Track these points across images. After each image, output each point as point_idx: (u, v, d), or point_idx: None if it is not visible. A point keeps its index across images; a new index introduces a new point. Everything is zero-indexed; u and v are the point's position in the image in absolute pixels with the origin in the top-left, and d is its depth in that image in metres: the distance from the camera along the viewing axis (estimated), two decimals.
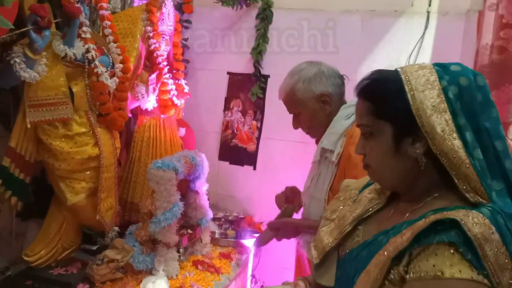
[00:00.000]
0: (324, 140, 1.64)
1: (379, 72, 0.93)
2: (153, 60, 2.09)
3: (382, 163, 0.91)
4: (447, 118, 0.81)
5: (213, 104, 2.76)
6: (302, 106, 1.68)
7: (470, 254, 0.72)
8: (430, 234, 0.77)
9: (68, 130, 1.58)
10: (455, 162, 0.81)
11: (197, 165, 1.92)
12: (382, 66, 2.46)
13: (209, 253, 2.01)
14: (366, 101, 0.91)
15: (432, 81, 0.83)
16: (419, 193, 0.89)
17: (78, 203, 1.62)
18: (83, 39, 1.59)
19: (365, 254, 0.90)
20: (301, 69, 1.69)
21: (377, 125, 0.90)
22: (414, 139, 0.85)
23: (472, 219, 0.74)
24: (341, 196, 1.09)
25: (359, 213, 0.99)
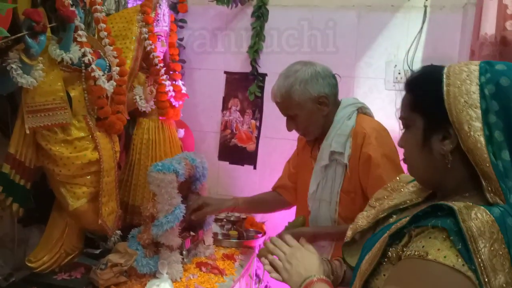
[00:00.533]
0: (332, 143, 1.62)
1: (427, 66, 0.94)
2: (149, 62, 2.08)
3: (412, 156, 0.92)
4: (477, 115, 0.80)
5: (211, 104, 2.75)
6: (299, 108, 1.64)
7: (461, 245, 0.72)
8: (429, 217, 0.78)
9: (67, 135, 1.56)
10: (478, 159, 0.80)
11: (197, 166, 1.91)
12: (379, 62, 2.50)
13: (212, 254, 2.01)
14: (407, 93, 0.93)
15: (472, 77, 0.82)
16: (449, 192, 0.88)
17: (80, 208, 1.60)
18: (79, 43, 1.57)
19: (379, 235, 0.92)
20: (296, 71, 1.65)
21: (411, 117, 0.90)
22: (444, 135, 0.85)
23: (474, 214, 0.74)
24: (389, 187, 1.11)
25: (396, 203, 1.01)
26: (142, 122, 2.13)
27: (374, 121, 1.69)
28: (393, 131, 1.74)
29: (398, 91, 2.33)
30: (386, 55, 2.37)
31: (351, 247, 1.08)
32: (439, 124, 0.85)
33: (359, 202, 1.60)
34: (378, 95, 2.38)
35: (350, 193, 1.61)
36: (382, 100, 2.37)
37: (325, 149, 1.65)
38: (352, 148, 1.59)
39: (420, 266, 0.75)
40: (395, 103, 2.32)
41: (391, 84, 2.36)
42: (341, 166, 1.61)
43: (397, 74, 2.34)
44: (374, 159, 1.54)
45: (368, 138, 1.57)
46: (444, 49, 2.28)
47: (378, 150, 1.55)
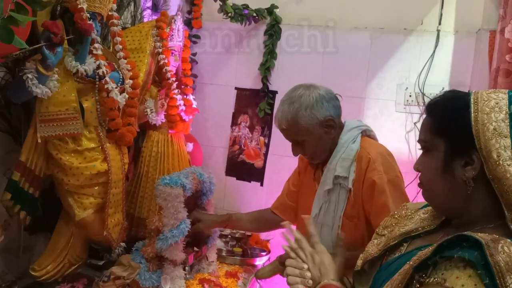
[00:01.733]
0: (337, 167, 1.59)
1: (451, 91, 0.95)
2: (162, 76, 2.10)
3: (431, 180, 0.90)
4: (506, 144, 0.79)
5: (221, 119, 2.77)
6: (307, 133, 1.61)
7: (488, 279, 0.70)
8: (454, 248, 0.76)
9: (77, 145, 1.58)
10: (506, 189, 0.79)
11: (204, 181, 1.91)
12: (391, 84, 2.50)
13: (215, 271, 1.99)
14: (429, 117, 0.91)
15: (501, 105, 0.81)
16: (470, 221, 0.86)
17: (86, 219, 1.61)
18: (94, 55, 1.60)
19: (396, 264, 0.90)
20: (300, 96, 1.61)
21: (433, 141, 0.89)
22: (467, 162, 0.84)
23: (501, 247, 0.73)
24: (396, 214, 1.09)
25: (407, 230, 0.99)
26: (152, 135, 2.14)
27: (379, 145, 1.67)
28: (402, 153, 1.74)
29: (408, 113, 2.33)
30: (397, 78, 2.38)
31: (362, 276, 1.05)
32: (463, 149, 0.84)
33: (362, 228, 1.58)
34: (388, 117, 2.38)
35: (353, 218, 1.58)
36: (392, 122, 2.37)
37: (329, 172, 1.61)
38: (356, 173, 1.56)
39: None
40: (405, 126, 2.32)
41: (401, 106, 2.36)
42: (344, 191, 1.59)
43: (408, 96, 2.34)
44: (378, 185, 1.50)
45: (373, 164, 1.54)
46: (456, 74, 2.28)
47: (383, 176, 1.52)
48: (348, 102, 1.78)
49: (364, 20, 2.43)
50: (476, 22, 2.23)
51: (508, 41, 1.95)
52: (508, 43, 1.95)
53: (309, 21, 2.54)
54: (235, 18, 2.47)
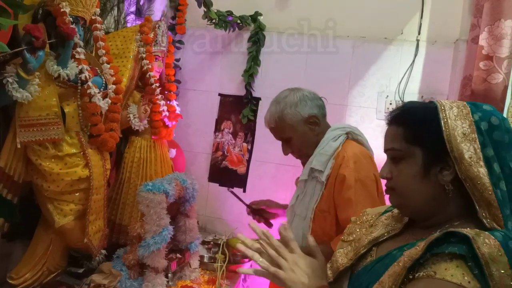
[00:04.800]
0: (313, 160, 1.67)
1: (412, 102, 1.02)
2: (145, 81, 2.09)
3: (409, 187, 0.94)
4: (476, 147, 0.87)
5: (204, 125, 2.76)
6: (292, 130, 1.72)
7: (477, 270, 0.77)
8: (443, 244, 0.81)
9: (58, 150, 1.56)
10: (479, 188, 0.86)
11: (187, 188, 1.90)
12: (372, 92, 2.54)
13: (197, 278, 1.98)
14: (400, 127, 0.95)
15: (465, 114, 0.90)
16: (439, 221, 0.92)
17: (66, 226, 1.58)
18: (76, 60, 1.58)
19: (379, 267, 0.93)
20: (285, 96, 1.75)
21: (409, 149, 0.93)
22: (442, 167, 0.90)
23: (483, 239, 0.78)
24: (358, 220, 1.13)
25: (374, 236, 1.02)
26: (134, 141, 2.12)
27: (359, 147, 1.72)
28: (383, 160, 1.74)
29: None
30: (378, 86, 2.42)
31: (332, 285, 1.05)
32: (439, 156, 0.90)
33: (331, 222, 1.64)
34: (369, 125, 2.41)
35: (324, 212, 1.65)
36: (373, 129, 2.40)
37: (307, 165, 1.70)
38: (333, 169, 1.64)
39: (427, 284, 0.80)
40: None
41: (382, 114, 2.40)
42: (319, 184, 1.66)
43: (389, 104, 2.38)
44: (347, 181, 1.58)
45: (347, 161, 1.61)
46: (435, 83, 2.33)
47: (353, 174, 1.59)
48: (330, 109, 1.82)
49: (347, 29, 2.46)
50: (454, 32, 2.29)
51: (482, 49, 2.01)
52: (482, 51, 2.01)
53: (293, 28, 2.56)
54: (219, 24, 2.47)
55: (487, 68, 2.02)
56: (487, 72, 2.02)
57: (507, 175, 0.87)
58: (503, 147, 0.88)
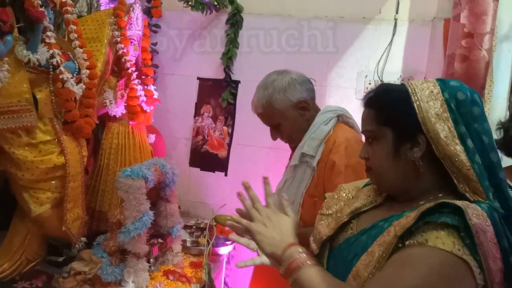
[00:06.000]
0: (304, 145, 1.64)
1: (385, 84, 1.04)
2: (121, 66, 2.05)
3: (383, 165, 0.98)
4: (450, 126, 0.90)
5: (183, 109, 2.73)
6: (282, 116, 1.66)
7: (468, 240, 0.80)
8: (435, 214, 0.84)
9: (32, 138, 1.52)
10: (457, 165, 0.89)
11: (167, 172, 1.89)
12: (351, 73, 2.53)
13: (180, 262, 1.98)
14: (372, 109, 0.99)
15: (435, 93, 0.92)
16: (415, 196, 0.95)
17: (43, 214, 1.56)
18: (47, 44, 1.54)
19: (365, 238, 0.95)
20: (273, 80, 1.67)
21: (380, 130, 0.97)
22: (413, 144, 0.93)
23: (472, 211, 0.82)
24: (335, 195, 1.15)
25: (356, 207, 1.05)
26: (112, 127, 2.09)
27: (351, 131, 1.70)
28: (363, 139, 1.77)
29: None
30: (357, 66, 2.42)
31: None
32: (408, 134, 0.93)
33: (320, 207, 1.62)
34: (349, 105, 2.41)
35: (314, 197, 1.62)
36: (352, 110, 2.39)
37: (298, 150, 1.66)
38: (323, 154, 1.61)
39: (418, 251, 0.82)
40: None
41: (361, 94, 2.40)
42: (310, 169, 1.63)
43: (368, 84, 2.39)
44: (337, 167, 1.55)
45: (338, 147, 1.58)
46: (413, 62, 2.34)
47: (343, 160, 1.56)
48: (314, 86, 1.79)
49: (325, 9, 2.44)
50: (431, 11, 2.29)
51: (464, 27, 2.01)
52: (464, 29, 2.02)
53: (271, 10, 2.53)
54: (195, 7, 2.43)
55: (468, 45, 2.02)
56: (468, 50, 2.02)
57: (479, 147, 0.90)
58: (473, 120, 0.91)
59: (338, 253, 1.01)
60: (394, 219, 0.90)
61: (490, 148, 0.92)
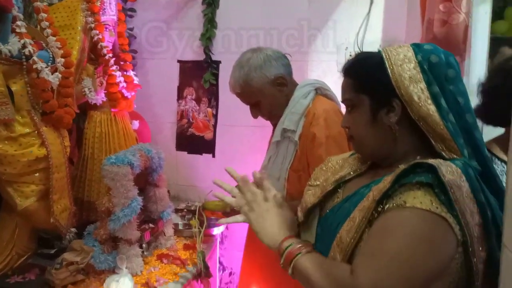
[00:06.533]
0: (285, 120, 1.65)
1: (362, 53, 1.06)
2: (97, 52, 2.01)
3: (362, 132, 1.00)
4: (423, 87, 0.91)
5: (166, 94, 2.70)
6: (260, 94, 1.67)
7: (443, 196, 0.82)
8: (409, 175, 0.86)
9: (10, 131, 1.49)
10: (431, 124, 0.91)
11: (153, 157, 1.87)
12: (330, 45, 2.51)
13: (173, 245, 1.98)
14: (349, 78, 1.01)
15: (409, 57, 0.94)
16: (396, 160, 0.97)
17: (29, 207, 1.54)
18: (18, 34, 1.49)
19: (348, 205, 0.97)
20: (249, 59, 1.68)
21: (357, 98, 0.99)
22: (389, 109, 0.95)
23: (446, 168, 0.84)
24: (323, 166, 1.17)
25: (341, 175, 1.07)
26: (94, 115, 2.06)
27: (329, 102, 1.71)
28: None
29: None
30: (337, 38, 2.40)
31: (301, 226, 1.11)
32: (384, 100, 0.95)
33: (305, 180, 1.62)
34: (332, 78, 2.40)
35: (299, 171, 1.64)
36: (335, 82, 2.38)
37: (279, 126, 1.67)
38: (304, 127, 1.62)
39: (398, 214, 0.84)
40: None
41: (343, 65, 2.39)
42: (292, 144, 1.64)
43: (349, 56, 2.36)
44: (318, 139, 1.57)
45: (317, 119, 1.60)
46: (392, 30, 2.33)
47: (324, 131, 1.57)
48: (292, 66, 1.79)
49: None
50: None
51: None
52: None
53: None
54: None
55: (446, 10, 2.01)
56: (447, 14, 2.01)
57: (454, 107, 0.92)
58: (448, 81, 0.93)
59: (325, 222, 1.04)
60: (374, 185, 0.92)
61: (466, 109, 0.94)
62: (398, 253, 0.81)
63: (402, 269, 0.80)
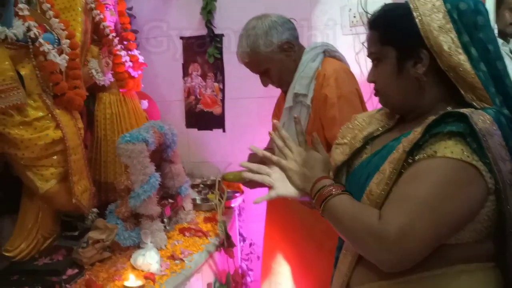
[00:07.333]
0: (296, 85, 1.64)
1: (389, 4, 1.01)
2: (100, 33, 1.99)
3: (388, 85, 0.98)
4: (453, 36, 0.89)
5: (171, 72, 2.68)
6: (269, 61, 1.66)
7: (476, 144, 0.81)
8: (440, 124, 0.85)
9: (24, 116, 1.49)
10: (461, 74, 0.89)
11: (166, 133, 1.88)
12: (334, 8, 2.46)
13: (193, 219, 2.01)
14: (374, 30, 0.99)
15: (437, 6, 0.91)
16: (424, 112, 0.95)
17: (51, 190, 1.55)
18: (21, 17, 1.48)
19: (377, 159, 0.96)
20: (254, 27, 1.67)
21: (383, 50, 0.97)
22: (416, 61, 0.93)
23: (477, 116, 0.83)
24: (350, 125, 1.16)
25: (369, 132, 1.07)
26: (103, 97, 2.06)
27: (338, 63, 1.70)
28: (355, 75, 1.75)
29: (355, 34, 2.34)
30: (340, 0, 2.35)
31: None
32: (411, 51, 0.93)
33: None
34: (336, 42, 2.37)
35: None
36: (340, 46, 2.33)
37: (290, 91, 1.66)
38: (315, 90, 1.61)
39: (428, 163, 0.84)
40: (354, 47, 2.33)
41: (347, 29, 2.36)
42: (305, 108, 1.63)
43: (353, 18, 2.33)
44: (329, 99, 1.57)
45: (328, 80, 1.59)
46: None
47: (335, 91, 1.57)
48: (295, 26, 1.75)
49: None
50: None
51: None
52: None
53: None
54: None
55: None
56: None
57: (484, 55, 0.90)
58: (477, 29, 0.90)
59: (353, 177, 1.04)
60: (403, 137, 0.91)
61: (496, 57, 0.91)
62: (426, 199, 0.81)
63: (429, 214, 0.80)
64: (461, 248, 0.86)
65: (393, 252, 0.81)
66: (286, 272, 1.79)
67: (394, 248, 0.81)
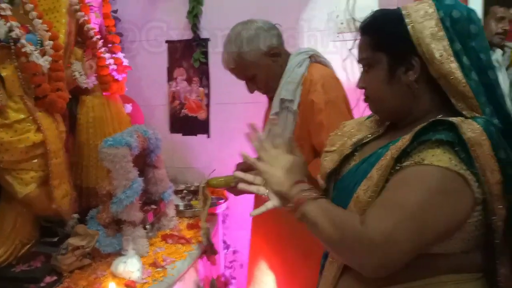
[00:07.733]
0: (282, 91, 1.63)
1: (380, 10, 1.01)
2: (84, 35, 1.96)
3: (379, 92, 0.97)
4: (445, 44, 0.89)
5: (156, 76, 2.66)
6: (255, 67, 1.65)
7: (464, 154, 0.82)
8: (429, 132, 0.84)
9: (4, 118, 1.45)
10: (453, 82, 0.89)
11: (150, 138, 1.85)
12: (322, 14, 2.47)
13: (176, 226, 1.98)
14: (366, 36, 0.99)
15: (430, 13, 0.91)
16: (414, 120, 0.95)
17: (30, 194, 1.51)
18: (3, 17, 1.44)
19: (365, 166, 0.95)
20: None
21: (374, 56, 0.96)
22: (407, 67, 0.93)
23: (467, 126, 0.83)
24: (339, 132, 1.15)
25: (358, 138, 1.06)
26: (86, 100, 2.01)
27: (325, 69, 1.70)
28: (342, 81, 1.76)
29: (342, 41, 2.35)
30: (327, 7, 2.37)
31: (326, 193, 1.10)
32: (402, 58, 0.93)
33: (308, 148, 1.62)
34: (324, 48, 2.39)
35: (300, 140, 1.62)
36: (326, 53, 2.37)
37: (277, 97, 1.65)
38: (302, 96, 1.61)
39: (415, 170, 0.83)
40: (341, 54, 2.34)
41: (335, 35, 2.37)
42: (291, 114, 1.63)
43: (340, 24, 2.35)
44: (316, 105, 1.56)
45: (315, 85, 1.59)
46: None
47: (322, 97, 1.56)
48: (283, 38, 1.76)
49: None
50: None
51: None
52: None
53: None
54: None
55: None
56: None
57: (476, 64, 0.90)
58: (470, 37, 0.90)
59: (341, 184, 1.03)
60: (392, 144, 0.90)
61: (488, 66, 0.91)
62: (411, 206, 0.81)
63: (413, 220, 0.80)
64: (449, 258, 0.86)
65: (376, 256, 0.80)
66: (271, 282, 1.77)
67: (378, 252, 0.80)
